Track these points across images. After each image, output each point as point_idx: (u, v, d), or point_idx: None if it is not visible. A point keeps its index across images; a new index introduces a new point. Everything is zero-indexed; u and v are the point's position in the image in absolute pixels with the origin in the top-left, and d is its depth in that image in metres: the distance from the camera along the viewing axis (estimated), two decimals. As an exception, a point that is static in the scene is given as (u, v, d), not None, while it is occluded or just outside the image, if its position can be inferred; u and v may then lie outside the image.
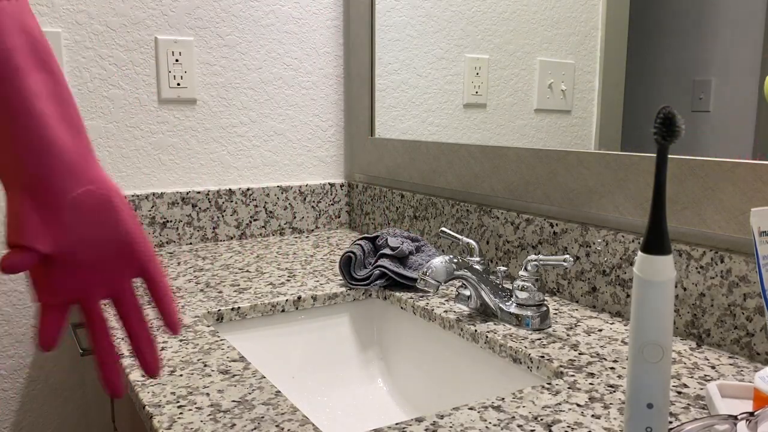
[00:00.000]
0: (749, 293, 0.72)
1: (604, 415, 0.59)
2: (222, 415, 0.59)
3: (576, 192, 0.92)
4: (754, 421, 0.47)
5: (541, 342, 0.77)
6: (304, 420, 0.58)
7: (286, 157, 1.46)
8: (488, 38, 1.12)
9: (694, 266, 0.77)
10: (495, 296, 0.85)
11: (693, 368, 0.70)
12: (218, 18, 1.34)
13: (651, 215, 0.41)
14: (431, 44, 1.25)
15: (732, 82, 0.77)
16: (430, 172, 1.22)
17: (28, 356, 1.25)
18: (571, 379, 0.67)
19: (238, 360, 0.71)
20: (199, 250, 1.28)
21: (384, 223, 1.37)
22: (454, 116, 1.21)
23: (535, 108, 1.05)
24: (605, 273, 0.88)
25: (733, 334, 0.74)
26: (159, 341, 0.77)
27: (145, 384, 0.65)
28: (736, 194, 0.72)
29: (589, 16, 0.94)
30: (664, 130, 0.39)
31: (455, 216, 1.14)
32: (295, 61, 1.43)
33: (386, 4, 1.35)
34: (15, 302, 1.22)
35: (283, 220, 1.44)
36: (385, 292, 1.00)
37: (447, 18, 1.21)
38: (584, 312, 0.89)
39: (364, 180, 1.45)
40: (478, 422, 0.57)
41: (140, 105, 1.29)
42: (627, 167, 0.85)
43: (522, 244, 1.01)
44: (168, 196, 1.31)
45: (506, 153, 1.04)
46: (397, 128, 1.35)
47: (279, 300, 0.95)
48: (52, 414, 1.28)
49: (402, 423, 0.57)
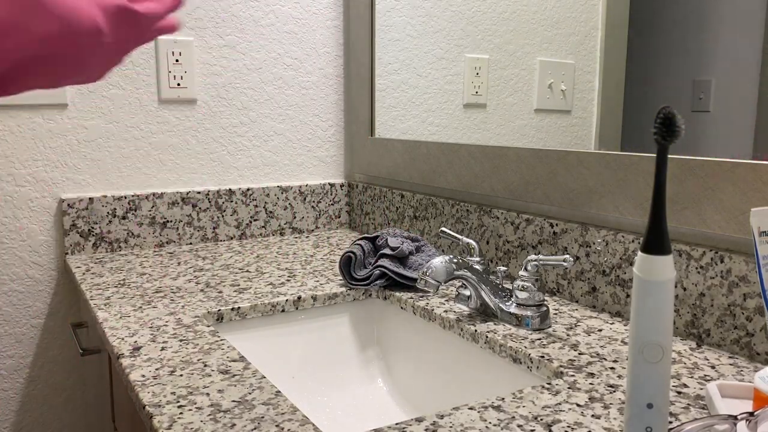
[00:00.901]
0: (749, 293, 0.72)
1: (604, 415, 0.59)
2: (222, 415, 0.59)
3: (576, 192, 0.92)
4: (754, 421, 0.47)
5: (541, 342, 0.77)
6: (304, 420, 0.58)
7: (286, 157, 1.46)
8: (488, 38, 1.13)
9: (694, 266, 0.77)
10: (495, 296, 0.85)
11: (693, 368, 0.70)
12: (218, 18, 1.34)
13: (651, 215, 0.41)
14: (431, 44, 1.25)
15: (732, 82, 0.77)
16: (430, 172, 1.22)
17: (28, 356, 1.25)
18: (571, 379, 0.67)
19: (238, 360, 0.71)
20: (199, 250, 1.28)
21: (384, 223, 1.37)
22: (454, 116, 1.21)
23: (535, 108, 1.05)
24: (605, 273, 0.88)
25: (733, 334, 0.74)
26: (159, 341, 0.77)
27: (145, 384, 0.65)
28: (736, 194, 0.72)
29: (589, 16, 0.94)
30: (664, 130, 0.39)
31: (455, 216, 1.14)
32: (295, 62, 1.43)
33: (386, 4, 1.35)
34: (15, 302, 1.23)
35: (283, 220, 1.44)
36: (385, 292, 1.00)
37: (447, 18, 1.21)
38: (584, 312, 0.89)
39: (364, 180, 1.45)
40: (478, 422, 0.57)
41: (140, 105, 1.29)
42: (627, 167, 0.85)
43: (522, 244, 1.01)
44: (168, 196, 1.31)
45: (506, 153, 1.04)
46: (397, 128, 1.35)
47: (279, 300, 0.95)
48: (52, 414, 1.28)
49: (402, 423, 0.57)
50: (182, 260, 1.20)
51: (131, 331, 0.81)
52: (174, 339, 0.78)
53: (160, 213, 1.31)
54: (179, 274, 1.09)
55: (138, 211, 1.28)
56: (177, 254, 1.25)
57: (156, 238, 1.31)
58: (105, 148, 1.27)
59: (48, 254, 1.24)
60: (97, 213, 1.25)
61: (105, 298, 0.95)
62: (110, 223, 1.26)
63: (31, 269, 1.23)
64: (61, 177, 1.24)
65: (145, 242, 1.30)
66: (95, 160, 1.26)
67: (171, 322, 0.84)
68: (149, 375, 0.67)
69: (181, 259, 1.20)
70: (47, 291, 1.25)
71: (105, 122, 1.26)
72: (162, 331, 0.81)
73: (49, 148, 1.22)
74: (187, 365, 0.70)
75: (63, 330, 1.27)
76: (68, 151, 1.24)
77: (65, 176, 1.24)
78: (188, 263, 1.17)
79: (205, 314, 0.89)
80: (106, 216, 1.26)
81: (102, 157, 1.27)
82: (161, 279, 1.06)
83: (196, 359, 0.72)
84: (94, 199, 1.24)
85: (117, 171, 1.28)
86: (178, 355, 0.73)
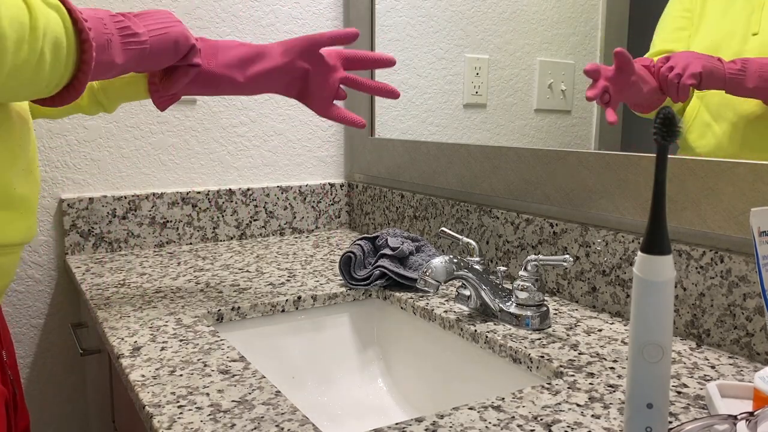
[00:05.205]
0: (749, 293, 0.72)
1: (604, 415, 0.59)
2: (222, 415, 0.59)
3: (576, 192, 0.92)
4: (754, 421, 0.47)
5: (540, 342, 0.77)
6: (304, 420, 0.58)
7: (286, 157, 1.46)
8: (488, 38, 1.13)
9: (694, 266, 0.77)
10: (495, 296, 0.85)
11: (693, 368, 0.70)
12: (218, 18, 1.34)
13: (651, 215, 0.41)
14: (431, 44, 1.25)
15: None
16: (430, 172, 1.22)
17: (28, 356, 1.25)
18: (570, 379, 0.67)
19: (238, 360, 0.71)
20: (199, 250, 1.28)
21: (384, 223, 1.37)
22: (454, 116, 1.21)
23: (535, 108, 1.05)
24: (605, 273, 0.88)
25: (733, 334, 0.74)
26: (159, 341, 0.77)
27: (145, 384, 0.65)
28: (735, 194, 0.72)
29: (589, 16, 0.94)
30: (664, 130, 0.39)
31: (455, 216, 1.14)
32: (295, 61, 1.43)
33: (386, 4, 1.35)
34: (15, 302, 1.23)
35: (283, 220, 1.44)
36: (385, 292, 1.00)
37: (447, 18, 1.21)
38: (584, 312, 0.89)
39: (364, 180, 1.45)
40: (478, 422, 0.57)
41: (140, 105, 1.29)
42: (627, 167, 0.85)
43: (522, 244, 1.01)
44: (168, 196, 1.31)
45: (506, 153, 1.04)
46: (397, 128, 1.35)
47: (279, 300, 0.95)
48: (52, 414, 1.28)
49: (402, 423, 0.57)
50: (182, 260, 1.20)
51: (131, 331, 0.81)
52: (174, 339, 0.78)
53: (160, 213, 1.31)
54: (179, 274, 1.09)
55: (138, 211, 1.28)
56: (177, 254, 1.25)
57: (156, 238, 1.31)
58: (105, 148, 1.27)
59: (48, 254, 1.24)
60: (97, 213, 1.25)
61: (105, 298, 0.95)
62: (110, 223, 1.26)
63: (31, 269, 1.23)
64: (61, 177, 1.24)
65: (145, 242, 1.30)
66: (95, 160, 1.26)
67: (171, 322, 0.84)
68: (149, 375, 0.67)
69: (181, 259, 1.20)
70: (47, 291, 1.25)
71: (105, 122, 1.26)
72: (162, 331, 0.81)
73: (49, 148, 1.22)
74: (187, 365, 0.70)
75: (63, 330, 1.27)
76: (68, 151, 1.24)
77: (65, 176, 1.24)
78: (188, 263, 1.17)
79: (205, 314, 0.89)
80: (106, 216, 1.26)
81: (102, 157, 1.27)
82: (161, 279, 1.06)
83: (196, 359, 0.72)
84: (94, 199, 1.24)
85: (117, 171, 1.28)
86: (178, 355, 0.73)
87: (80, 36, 0.62)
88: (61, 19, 0.60)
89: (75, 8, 0.61)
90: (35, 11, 0.57)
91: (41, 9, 0.58)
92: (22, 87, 0.59)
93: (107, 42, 0.64)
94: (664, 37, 0.82)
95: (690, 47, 0.79)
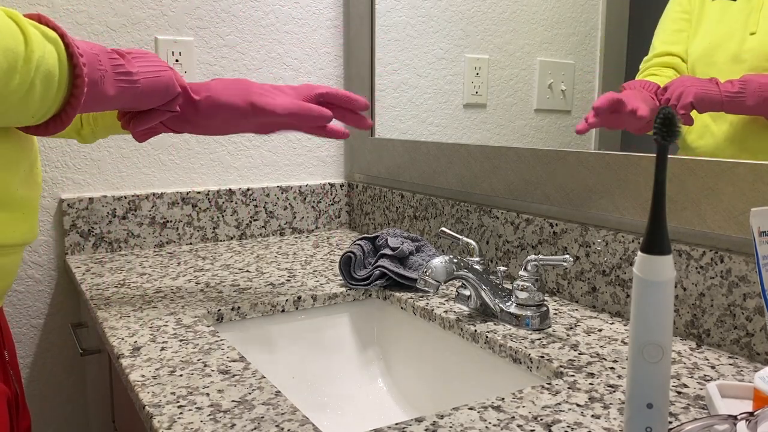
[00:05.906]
0: (749, 293, 0.72)
1: (604, 415, 0.59)
2: (222, 415, 0.59)
3: (576, 192, 0.92)
4: (754, 421, 0.47)
5: (540, 342, 0.77)
6: (304, 420, 0.58)
7: (286, 157, 1.46)
8: (488, 38, 1.13)
9: (694, 266, 0.77)
10: (495, 296, 0.85)
11: (693, 368, 0.70)
12: (218, 18, 1.34)
13: (651, 215, 0.41)
14: (431, 44, 1.25)
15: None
16: (430, 172, 1.22)
17: (28, 356, 1.25)
18: (570, 379, 0.67)
19: (238, 360, 0.71)
20: (199, 250, 1.28)
21: (384, 223, 1.37)
22: (454, 116, 1.21)
23: (535, 108, 1.05)
24: (605, 273, 0.88)
25: (733, 334, 0.74)
26: (159, 341, 0.77)
27: (145, 384, 0.65)
28: (735, 194, 0.72)
29: (589, 16, 0.94)
30: (664, 130, 0.39)
31: (455, 216, 1.14)
32: (295, 61, 1.43)
33: (386, 4, 1.35)
34: (15, 302, 1.23)
35: (283, 220, 1.44)
36: (385, 292, 1.00)
37: (447, 18, 1.21)
38: (584, 312, 0.89)
39: (364, 180, 1.46)
40: (478, 422, 0.58)
41: (140, 105, 1.29)
42: (627, 167, 0.85)
43: (522, 244, 1.01)
44: (168, 196, 1.31)
45: (506, 153, 1.04)
46: (397, 128, 1.35)
47: (279, 300, 0.95)
48: (52, 414, 1.28)
49: (402, 423, 0.57)
50: (182, 260, 1.20)
51: (131, 331, 0.81)
52: (174, 339, 0.78)
53: (160, 213, 1.31)
54: (179, 274, 1.09)
55: (138, 211, 1.28)
56: (177, 254, 1.25)
57: (156, 238, 1.31)
58: (105, 148, 1.27)
59: (48, 254, 1.24)
60: (97, 213, 1.25)
61: (105, 298, 0.95)
62: (110, 223, 1.26)
63: (31, 269, 1.23)
64: (61, 177, 1.24)
65: (145, 242, 1.30)
66: (95, 160, 1.26)
67: (171, 322, 0.84)
68: (149, 375, 0.67)
69: (181, 259, 1.20)
70: (47, 291, 1.25)
71: (105, 122, 1.26)
72: (162, 331, 0.81)
73: (49, 148, 1.22)
74: (187, 365, 0.70)
75: (63, 330, 1.27)
76: (68, 151, 1.24)
77: (65, 176, 1.24)
78: (188, 263, 1.17)
79: (205, 314, 0.89)
80: (106, 216, 1.26)
81: (102, 157, 1.27)
82: (161, 279, 1.06)
83: (196, 359, 0.72)
84: (94, 199, 1.24)
85: (117, 171, 1.28)
86: (178, 355, 0.73)
87: (74, 71, 0.63)
88: (57, 53, 0.61)
89: (72, 43, 0.63)
90: (32, 44, 0.58)
91: (38, 42, 0.59)
92: (7, 114, 0.61)
93: (101, 78, 0.66)
94: (664, 39, 0.82)
95: (689, 48, 0.79)
